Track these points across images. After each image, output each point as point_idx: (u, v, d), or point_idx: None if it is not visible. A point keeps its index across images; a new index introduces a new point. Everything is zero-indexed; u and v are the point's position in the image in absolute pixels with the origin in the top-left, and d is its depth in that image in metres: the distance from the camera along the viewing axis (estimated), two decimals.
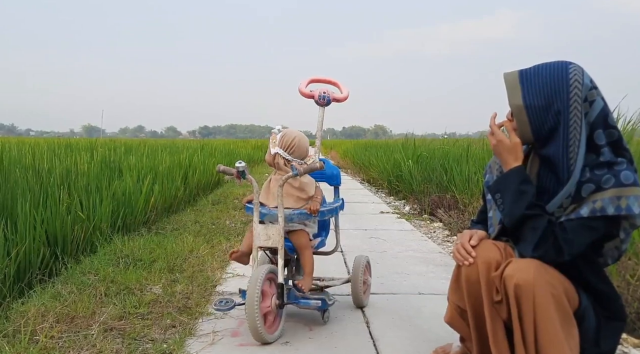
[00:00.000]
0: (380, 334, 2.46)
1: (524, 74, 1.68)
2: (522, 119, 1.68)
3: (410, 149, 9.52)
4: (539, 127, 1.66)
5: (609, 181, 1.57)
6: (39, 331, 2.33)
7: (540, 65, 1.68)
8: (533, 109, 1.64)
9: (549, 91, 1.62)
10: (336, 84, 2.92)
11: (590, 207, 1.58)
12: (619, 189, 1.56)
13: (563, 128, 1.62)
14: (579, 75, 1.62)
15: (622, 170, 1.58)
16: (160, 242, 4.16)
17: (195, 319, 2.62)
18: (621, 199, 1.55)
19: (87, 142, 11.12)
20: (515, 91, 1.67)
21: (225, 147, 15.85)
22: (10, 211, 3.40)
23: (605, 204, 1.56)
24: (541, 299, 1.57)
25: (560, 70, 1.63)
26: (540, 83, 1.64)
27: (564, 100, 1.61)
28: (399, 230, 5.27)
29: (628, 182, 1.56)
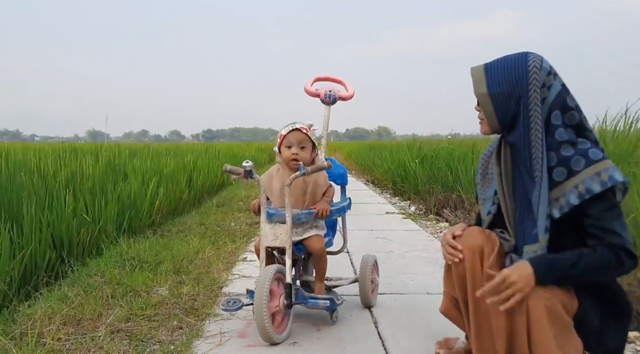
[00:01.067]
0: (389, 334, 2.44)
1: (488, 66, 1.77)
2: (488, 107, 1.76)
3: (415, 150, 9.49)
4: (504, 114, 1.74)
5: (579, 162, 1.62)
6: (46, 334, 2.32)
7: (503, 57, 1.77)
8: (497, 97, 1.73)
9: (511, 79, 1.70)
10: (341, 82, 2.91)
11: (576, 193, 1.61)
12: (593, 167, 1.61)
13: (523, 113, 1.70)
14: (537, 63, 1.70)
15: (588, 149, 1.64)
16: (166, 245, 4.15)
17: (202, 320, 2.61)
18: (601, 174, 1.59)
19: (91, 147, 11.14)
20: (480, 82, 1.76)
21: (229, 150, 15.88)
22: (16, 214, 3.40)
23: (588, 185, 1.59)
24: (535, 315, 1.56)
25: (520, 59, 1.72)
26: (502, 72, 1.72)
27: (524, 86, 1.69)
28: (405, 230, 5.25)
29: (598, 157, 1.61)
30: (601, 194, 1.59)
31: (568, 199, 1.62)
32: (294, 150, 2.47)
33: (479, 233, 1.80)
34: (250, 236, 4.80)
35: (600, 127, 4.11)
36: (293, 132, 2.47)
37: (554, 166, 1.65)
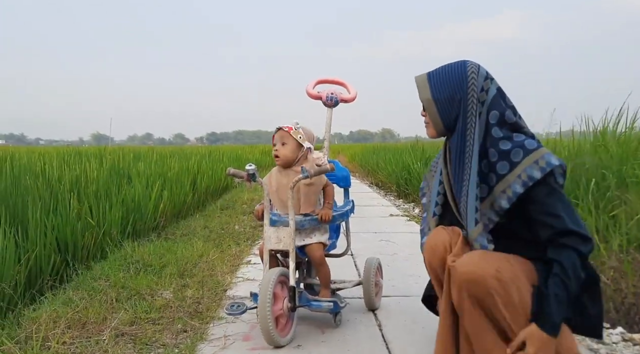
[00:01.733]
0: (393, 336, 2.44)
1: (431, 74, 1.89)
2: (432, 111, 1.88)
3: (419, 152, 9.47)
4: (447, 117, 1.85)
5: (517, 153, 1.73)
6: (50, 337, 2.33)
7: (444, 65, 1.89)
8: (440, 101, 1.85)
9: (452, 84, 1.83)
10: (344, 84, 2.90)
11: (520, 182, 1.71)
12: (531, 156, 1.71)
13: (462, 114, 1.82)
14: (475, 69, 1.82)
15: (524, 140, 1.75)
16: (170, 248, 4.16)
17: (207, 323, 2.61)
18: (538, 161, 1.70)
19: (96, 150, 11.18)
20: (424, 88, 1.88)
21: (233, 153, 15.90)
22: (21, 218, 3.41)
23: (529, 172, 1.69)
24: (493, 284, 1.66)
25: (460, 66, 1.84)
26: (444, 79, 1.85)
27: (464, 89, 1.81)
28: (409, 232, 5.24)
29: (533, 147, 1.73)
30: (542, 180, 1.69)
31: (514, 189, 1.71)
32: (276, 147, 2.51)
33: (443, 231, 1.90)
34: (254, 239, 4.81)
35: (603, 128, 4.10)
36: (277, 132, 2.53)
37: (496, 161, 1.76)
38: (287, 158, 2.49)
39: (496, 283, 1.66)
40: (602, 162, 3.47)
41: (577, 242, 1.66)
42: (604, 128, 4.09)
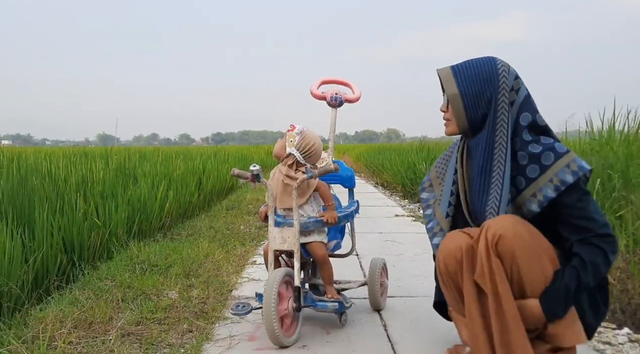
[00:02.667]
0: (398, 337, 2.44)
1: (456, 68, 1.82)
2: (457, 107, 1.80)
3: (424, 152, 9.46)
4: (473, 114, 1.79)
5: (548, 157, 1.70)
6: (57, 337, 2.34)
7: (470, 60, 1.83)
8: (467, 97, 1.78)
9: (481, 80, 1.77)
10: (348, 84, 2.90)
11: (552, 187, 1.68)
12: (562, 160, 1.69)
13: (493, 113, 1.76)
14: (505, 67, 1.77)
15: (553, 143, 1.73)
16: (176, 248, 4.17)
17: (212, 323, 2.62)
18: (570, 165, 1.67)
19: (102, 151, 11.22)
20: (449, 82, 1.81)
21: (239, 153, 15.93)
22: (27, 218, 3.43)
23: (562, 177, 1.67)
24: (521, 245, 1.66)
25: (490, 62, 1.79)
26: (472, 73, 1.78)
27: (495, 88, 1.76)
28: (415, 233, 5.24)
29: (563, 150, 1.70)
30: (574, 184, 1.67)
31: (545, 193, 1.69)
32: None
33: (461, 234, 1.84)
34: (260, 239, 4.81)
35: (609, 128, 4.08)
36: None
37: (526, 164, 1.73)
38: (274, 152, 2.56)
39: (523, 244, 1.65)
40: (608, 162, 3.45)
41: (608, 245, 1.66)
42: (609, 128, 4.07)
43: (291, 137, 2.48)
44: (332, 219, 2.45)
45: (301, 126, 2.51)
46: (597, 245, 1.66)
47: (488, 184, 1.77)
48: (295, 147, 2.47)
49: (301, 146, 2.47)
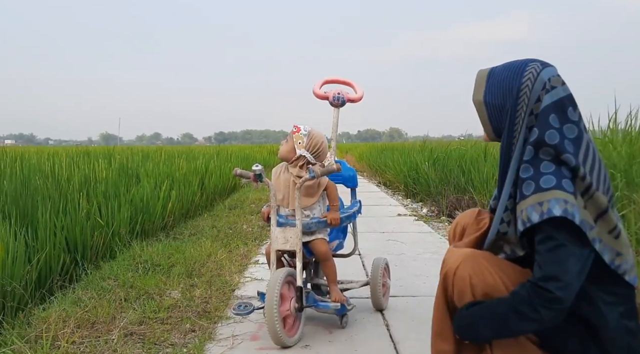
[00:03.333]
0: (401, 337, 2.44)
1: (492, 71, 1.70)
2: (483, 115, 1.70)
3: (427, 151, 9.46)
4: (498, 124, 1.68)
5: (529, 187, 1.51)
6: (60, 337, 2.35)
7: (507, 63, 1.69)
8: (491, 107, 1.67)
9: (504, 91, 1.64)
10: (350, 84, 2.90)
11: (520, 221, 1.52)
12: (538, 195, 1.48)
13: (508, 127, 1.63)
14: (532, 76, 1.59)
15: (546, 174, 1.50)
16: (179, 248, 4.18)
17: (215, 323, 2.62)
18: (542, 204, 1.46)
19: (104, 150, 11.25)
20: (480, 87, 1.70)
21: (241, 153, 15.93)
22: (31, 218, 3.44)
23: (529, 212, 1.48)
24: (459, 284, 1.60)
25: (517, 70, 1.63)
26: (499, 82, 1.66)
27: (513, 100, 1.61)
28: (417, 232, 5.24)
29: (548, 186, 1.48)
30: (538, 225, 1.47)
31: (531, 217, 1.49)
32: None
33: (469, 214, 1.87)
34: (262, 238, 4.82)
35: (613, 127, 4.07)
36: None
37: (526, 178, 1.53)
38: (281, 155, 2.54)
39: (465, 287, 1.60)
40: (610, 162, 3.45)
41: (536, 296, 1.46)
42: (613, 127, 4.06)
43: (299, 138, 2.48)
44: (334, 221, 2.45)
45: (306, 126, 2.51)
46: (528, 291, 1.48)
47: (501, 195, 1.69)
48: (305, 149, 2.48)
49: (310, 147, 2.48)
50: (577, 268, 1.45)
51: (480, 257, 1.64)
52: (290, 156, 2.50)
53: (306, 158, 2.49)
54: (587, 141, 1.55)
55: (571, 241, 1.45)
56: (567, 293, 1.43)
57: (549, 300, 1.44)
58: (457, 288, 1.61)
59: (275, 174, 2.56)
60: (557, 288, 1.43)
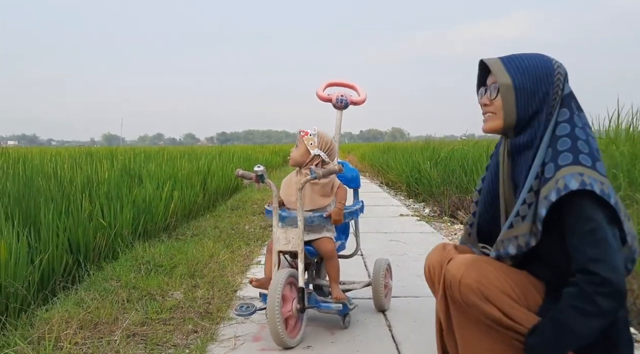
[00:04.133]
0: (403, 338, 2.44)
1: (506, 59, 1.68)
2: (509, 99, 1.65)
3: (429, 151, 9.45)
4: (524, 109, 1.64)
5: (566, 158, 1.52)
6: (63, 338, 2.35)
7: (521, 54, 1.69)
8: (522, 91, 1.64)
9: (538, 75, 1.63)
10: (353, 87, 2.91)
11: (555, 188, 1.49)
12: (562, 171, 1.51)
13: (546, 111, 1.62)
14: (559, 65, 1.65)
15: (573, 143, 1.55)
16: (181, 248, 4.18)
17: (217, 324, 2.62)
18: (558, 181, 1.49)
19: (107, 151, 11.27)
20: (501, 72, 1.66)
21: (244, 153, 15.94)
22: (33, 219, 3.45)
23: (567, 182, 1.47)
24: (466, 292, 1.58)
25: (544, 59, 1.66)
26: (528, 67, 1.64)
27: (551, 84, 1.62)
28: (419, 232, 5.23)
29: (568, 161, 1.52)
30: (578, 195, 1.46)
31: (550, 196, 1.50)
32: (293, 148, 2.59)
33: (439, 248, 1.85)
34: (264, 239, 4.82)
35: (616, 127, 4.07)
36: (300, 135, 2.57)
37: (548, 162, 1.56)
38: (294, 160, 2.55)
39: (472, 295, 1.58)
40: (613, 161, 3.45)
41: (589, 286, 1.43)
42: (616, 127, 4.06)
43: (309, 140, 2.51)
44: (337, 217, 2.45)
45: (313, 128, 2.54)
46: (578, 283, 1.45)
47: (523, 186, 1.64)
48: (319, 148, 2.51)
49: (322, 146, 2.53)
50: (616, 247, 1.45)
51: (481, 262, 1.64)
52: (304, 159, 2.52)
53: (321, 157, 2.52)
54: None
55: (607, 221, 1.46)
56: (616, 275, 1.41)
57: (600, 284, 1.41)
58: (465, 296, 1.59)
59: (285, 183, 2.58)
60: (604, 270, 1.41)
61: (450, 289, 1.64)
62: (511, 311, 1.56)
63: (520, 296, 1.59)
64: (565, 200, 1.48)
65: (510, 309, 1.56)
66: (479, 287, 1.57)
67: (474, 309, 1.59)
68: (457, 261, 1.65)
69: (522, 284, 1.61)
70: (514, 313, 1.56)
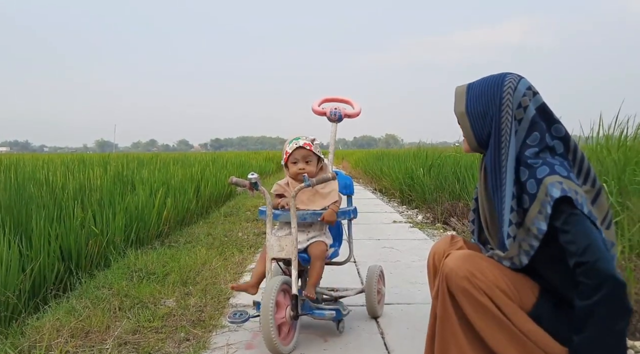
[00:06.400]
0: (395, 344, 2.44)
1: (470, 85, 1.83)
2: (466, 126, 1.82)
3: (422, 158, 9.48)
4: (480, 133, 1.79)
5: (543, 171, 1.64)
6: (54, 346, 2.34)
7: (485, 77, 1.82)
8: (473, 116, 1.79)
9: (486, 99, 1.76)
10: (348, 101, 2.99)
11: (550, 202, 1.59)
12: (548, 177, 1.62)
13: (495, 133, 1.74)
14: (512, 84, 1.73)
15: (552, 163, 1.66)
16: (174, 256, 4.17)
17: (209, 332, 2.61)
18: (562, 183, 1.59)
19: (100, 157, 11.22)
20: (461, 101, 1.82)
21: (237, 159, 15.91)
22: (25, 227, 3.43)
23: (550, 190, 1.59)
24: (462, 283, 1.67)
25: (497, 80, 1.77)
26: (480, 92, 1.78)
27: (497, 106, 1.73)
28: (412, 239, 5.24)
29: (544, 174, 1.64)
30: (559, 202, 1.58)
31: (546, 210, 1.59)
32: (300, 166, 2.55)
33: (447, 239, 1.96)
34: (258, 246, 4.81)
35: (606, 134, 4.09)
36: (297, 149, 2.55)
37: (526, 180, 1.67)
38: (312, 174, 2.55)
39: (467, 285, 1.66)
40: (604, 168, 3.47)
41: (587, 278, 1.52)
42: (606, 134, 4.09)
43: (316, 149, 2.58)
44: (328, 216, 2.47)
45: (305, 137, 2.59)
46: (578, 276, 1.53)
47: (501, 205, 1.73)
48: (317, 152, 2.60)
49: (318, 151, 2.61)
50: (600, 238, 1.56)
51: (477, 257, 1.73)
52: (317, 169, 2.59)
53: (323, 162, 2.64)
54: (572, 138, 1.75)
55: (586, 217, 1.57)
56: (605, 263, 1.50)
57: (593, 274, 1.50)
58: (460, 288, 1.67)
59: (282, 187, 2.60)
60: (594, 258, 1.51)
61: (447, 280, 1.71)
62: (503, 304, 1.65)
63: (514, 293, 1.68)
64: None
65: (502, 303, 1.65)
66: (473, 278, 1.66)
67: (468, 300, 1.66)
68: (454, 255, 1.74)
69: (517, 282, 1.70)
70: (505, 307, 1.65)
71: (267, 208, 2.45)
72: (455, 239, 1.96)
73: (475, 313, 1.67)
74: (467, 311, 1.68)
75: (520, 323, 1.65)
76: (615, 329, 1.52)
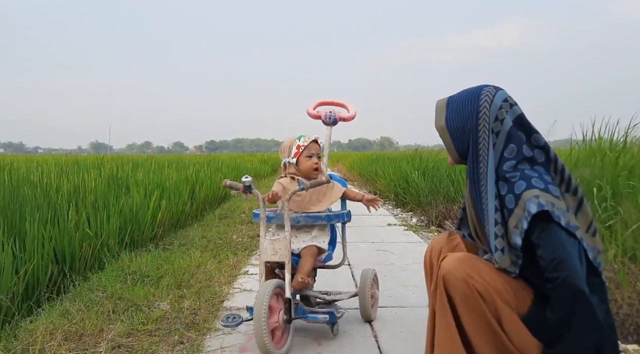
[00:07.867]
0: (389, 347, 2.44)
1: (450, 99, 1.85)
2: (447, 139, 1.84)
3: (416, 161, 9.50)
4: (460, 147, 1.82)
5: (520, 186, 1.64)
6: (47, 350, 2.33)
7: (464, 90, 1.84)
8: (453, 130, 1.81)
9: (464, 113, 1.78)
10: (344, 105, 3.00)
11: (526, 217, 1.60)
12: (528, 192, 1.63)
13: (472, 147, 1.76)
14: (488, 98, 1.74)
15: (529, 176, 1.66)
16: (168, 258, 4.16)
17: (203, 335, 2.61)
18: (539, 197, 1.60)
19: (94, 159, 11.20)
20: (441, 114, 1.84)
21: (232, 162, 15.90)
22: (18, 229, 3.42)
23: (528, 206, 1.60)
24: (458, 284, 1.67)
25: (474, 93, 1.78)
26: (458, 106, 1.80)
27: (473, 120, 1.76)
28: (407, 242, 5.25)
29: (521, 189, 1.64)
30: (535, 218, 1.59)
31: (522, 225, 1.61)
32: (315, 160, 2.60)
33: (443, 236, 2.00)
34: (252, 249, 4.81)
35: (599, 138, 4.12)
36: (313, 143, 2.60)
37: (504, 195, 1.68)
38: (322, 171, 2.61)
39: (464, 286, 1.66)
40: (598, 173, 3.49)
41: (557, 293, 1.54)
42: (598, 137, 4.11)
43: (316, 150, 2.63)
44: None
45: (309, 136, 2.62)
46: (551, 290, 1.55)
47: (484, 218, 1.75)
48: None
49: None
50: (575, 251, 1.56)
51: (474, 259, 1.74)
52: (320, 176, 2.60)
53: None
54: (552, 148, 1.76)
55: (562, 230, 1.57)
56: (575, 279, 1.51)
57: (563, 289, 1.51)
58: (457, 289, 1.67)
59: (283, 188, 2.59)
60: (565, 274, 1.51)
61: (443, 282, 1.71)
62: (498, 306, 1.65)
63: (511, 295, 1.68)
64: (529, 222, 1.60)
65: (498, 304, 1.65)
66: (470, 280, 1.66)
67: (464, 302, 1.66)
68: (450, 257, 1.74)
69: (513, 285, 1.70)
70: (500, 309, 1.65)
71: (260, 211, 2.45)
72: (452, 236, 1.98)
73: (469, 315, 1.68)
74: (461, 313, 1.69)
75: (511, 327, 1.65)
76: (585, 344, 1.52)
